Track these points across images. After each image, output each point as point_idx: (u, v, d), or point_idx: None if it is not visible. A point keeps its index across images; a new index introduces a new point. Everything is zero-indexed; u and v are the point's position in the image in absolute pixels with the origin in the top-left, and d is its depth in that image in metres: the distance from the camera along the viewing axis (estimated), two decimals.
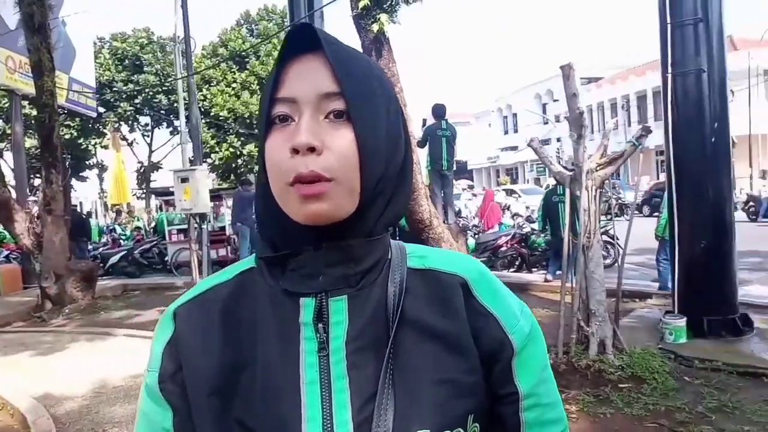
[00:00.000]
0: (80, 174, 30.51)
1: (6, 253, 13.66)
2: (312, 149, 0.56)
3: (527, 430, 0.65)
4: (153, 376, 0.65)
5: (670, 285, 5.67)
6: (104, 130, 27.16)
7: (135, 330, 6.73)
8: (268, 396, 0.60)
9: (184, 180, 8.05)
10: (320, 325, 0.60)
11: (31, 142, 25.45)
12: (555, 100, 36.90)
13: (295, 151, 0.56)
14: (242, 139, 26.33)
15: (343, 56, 0.59)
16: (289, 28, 0.59)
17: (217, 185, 23.76)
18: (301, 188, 0.57)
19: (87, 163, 29.63)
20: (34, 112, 10.85)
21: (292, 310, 0.61)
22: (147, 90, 25.71)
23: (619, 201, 17.64)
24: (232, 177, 26.72)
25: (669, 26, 5.06)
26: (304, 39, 0.59)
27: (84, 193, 33.29)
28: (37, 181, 20.94)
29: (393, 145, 0.62)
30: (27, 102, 13.84)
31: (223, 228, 13.39)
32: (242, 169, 26.79)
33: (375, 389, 0.59)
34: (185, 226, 14.28)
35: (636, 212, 17.22)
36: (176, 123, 30.34)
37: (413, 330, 0.62)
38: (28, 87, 10.11)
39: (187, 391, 0.63)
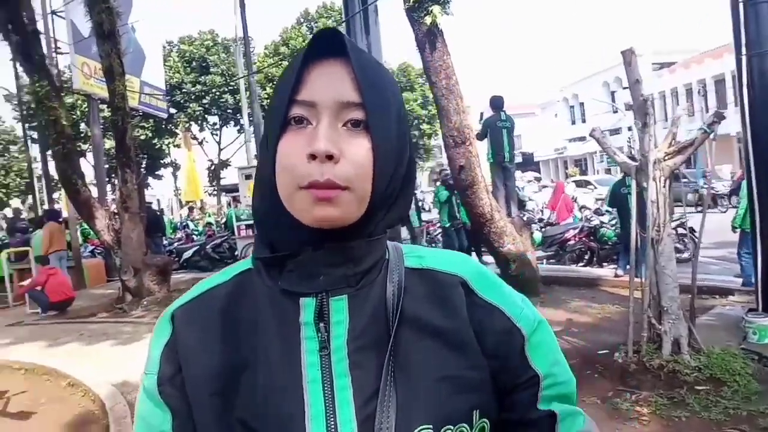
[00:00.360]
0: (156, 172, 32.07)
1: (91, 248, 14.53)
2: (330, 157, 0.56)
3: (544, 401, 0.65)
4: (151, 378, 0.64)
5: (753, 280, 5.30)
6: (176, 130, 28.39)
7: None
8: (271, 395, 0.60)
9: (248, 177, 8.26)
10: (321, 325, 0.61)
11: (110, 144, 27.13)
12: (624, 88, 35.29)
13: (313, 156, 0.57)
14: None
15: (365, 66, 0.60)
16: (314, 32, 0.61)
17: None
18: (315, 192, 0.57)
19: (162, 162, 31.08)
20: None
21: (291, 310, 0.62)
22: (214, 90, 26.63)
23: (712, 191, 16.73)
24: None
25: (741, 4, 4.73)
26: (328, 44, 0.60)
27: (160, 191, 34.99)
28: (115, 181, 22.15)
29: (401, 151, 0.63)
30: (106, 105, 14.62)
31: None
32: None
33: (377, 387, 0.60)
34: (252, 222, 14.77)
35: (723, 203, 16.44)
36: (242, 121, 31.60)
37: (413, 328, 0.63)
38: (103, 91, 10.68)
39: (188, 393, 0.63)
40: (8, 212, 24.67)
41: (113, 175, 22.77)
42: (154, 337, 0.66)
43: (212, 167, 32.22)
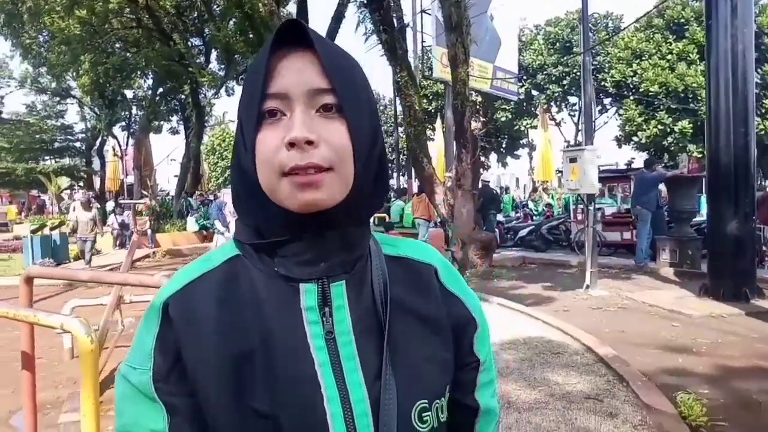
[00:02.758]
0: (514, 152, 33.48)
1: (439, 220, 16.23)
2: (310, 143, 0.59)
3: (480, 389, 0.75)
4: (143, 375, 0.62)
5: None
6: (536, 111, 28.93)
7: (509, 301, 7.10)
8: (284, 381, 0.61)
9: (573, 160, 7.92)
10: (326, 309, 0.63)
11: (474, 125, 29.52)
12: None
13: (292, 144, 0.59)
14: (674, 115, 23.89)
15: (330, 53, 0.62)
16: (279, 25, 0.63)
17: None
18: (298, 178, 0.59)
19: (520, 142, 32.22)
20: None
21: (291, 296, 0.63)
22: (575, 71, 26.01)
23: None
24: (665, 156, 24.64)
25: None
26: (292, 36, 0.62)
27: (516, 170, 36.41)
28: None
29: (375, 133, 0.66)
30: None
31: (629, 210, 12.64)
32: (673, 148, 24.39)
33: (378, 369, 0.64)
34: (597, 206, 14.16)
35: None
36: (606, 102, 30.09)
37: (400, 312, 0.67)
38: None
39: (194, 383, 0.61)
40: None
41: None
42: (144, 330, 0.64)
43: (568, 147, 31.78)
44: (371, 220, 0.74)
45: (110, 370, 4.70)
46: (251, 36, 16.06)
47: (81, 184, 27.00)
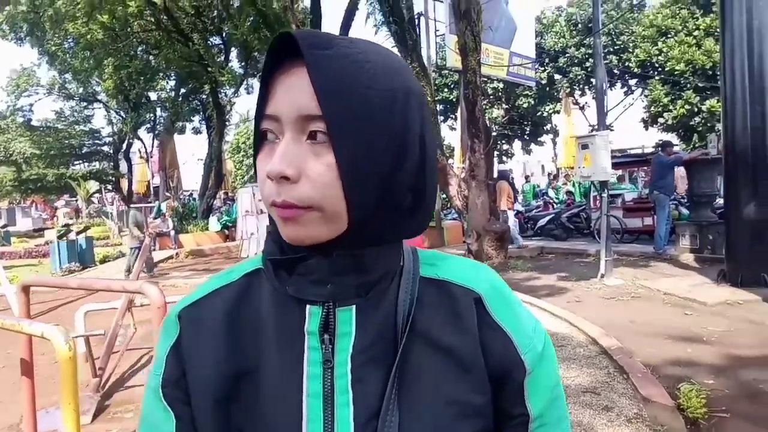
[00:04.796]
0: (538, 139, 33.01)
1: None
2: (286, 177, 0.53)
3: None
4: (156, 380, 0.64)
5: None
6: (559, 96, 28.43)
7: (521, 293, 7.05)
8: (270, 406, 0.59)
9: (585, 146, 7.79)
10: (326, 336, 0.58)
11: (497, 112, 29.16)
12: None
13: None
14: (702, 94, 23.20)
15: (328, 69, 0.53)
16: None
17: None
18: (280, 211, 0.55)
19: (543, 128, 31.74)
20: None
21: (297, 317, 0.59)
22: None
23: None
24: (694, 137, 23.97)
25: None
26: (290, 49, 0.54)
27: (541, 156, 35.88)
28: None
29: (395, 159, 0.56)
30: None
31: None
32: (701, 128, 23.70)
33: (380, 405, 0.57)
34: (617, 192, 13.89)
35: None
36: (631, 83, 29.37)
37: (422, 343, 0.60)
38: None
39: (191, 398, 0.62)
40: None
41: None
42: (162, 337, 0.66)
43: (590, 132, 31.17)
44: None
45: (121, 373, 4.85)
46: (267, 33, 16.19)
47: (109, 187, 27.71)
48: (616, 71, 26.97)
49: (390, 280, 0.61)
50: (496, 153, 27.08)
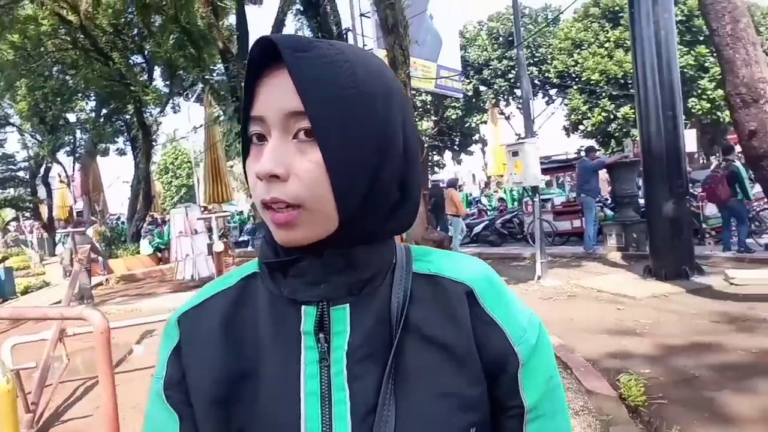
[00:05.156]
0: (467, 149, 33.95)
1: None
2: (276, 176, 0.55)
3: None
4: (159, 383, 0.65)
5: None
6: (485, 107, 29.40)
7: None
8: (269, 406, 0.60)
9: (515, 153, 8.10)
10: (321, 335, 0.60)
11: (427, 124, 29.76)
12: None
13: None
14: (616, 101, 24.68)
15: (308, 68, 0.54)
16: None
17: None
18: (271, 214, 0.56)
19: (472, 138, 32.70)
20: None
21: (293, 318, 0.61)
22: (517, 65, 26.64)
23: None
24: (612, 142, 25.40)
25: None
26: (271, 52, 0.56)
27: (471, 166, 36.86)
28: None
29: (379, 156, 0.57)
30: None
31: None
32: (617, 133, 25.15)
33: (376, 401, 0.58)
34: (547, 197, 14.47)
35: None
36: (551, 92, 30.80)
37: (416, 338, 0.60)
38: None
39: (191, 401, 0.63)
40: None
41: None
42: (162, 342, 0.67)
43: (517, 140, 32.42)
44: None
45: (55, 407, 4.58)
46: (192, 50, 15.85)
47: (27, 214, 26.09)
48: (537, 82, 28.21)
49: (383, 277, 0.62)
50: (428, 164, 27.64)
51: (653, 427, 3.35)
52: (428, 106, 29.30)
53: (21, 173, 26.71)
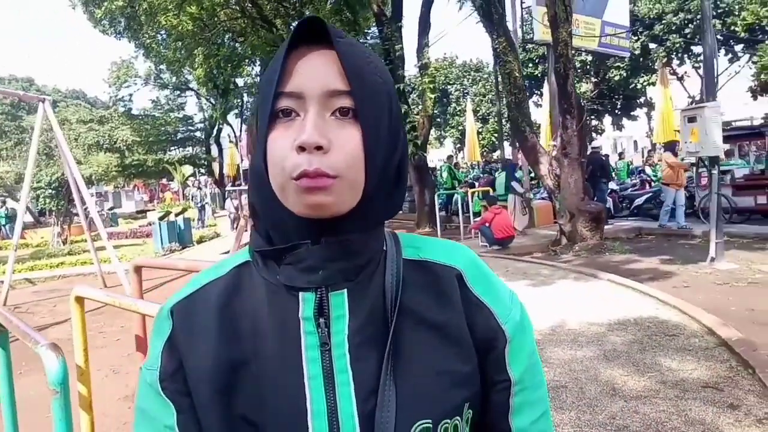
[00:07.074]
0: (631, 113, 31.17)
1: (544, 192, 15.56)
2: (319, 147, 0.57)
3: (515, 412, 0.68)
4: (153, 374, 0.65)
5: None
6: (654, 67, 26.60)
7: (620, 277, 6.65)
8: (272, 391, 0.61)
9: (692, 119, 7.18)
10: (322, 320, 0.62)
11: (585, 87, 27.74)
12: None
13: (302, 148, 0.57)
14: None
15: (352, 54, 0.60)
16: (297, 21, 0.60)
17: None
18: (307, 182, 0.57)
19: (637, 102, 29.92)
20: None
21: (291, 305, 0.62)
22: (699, 17, 23.54)
23: None
24: None
25: None
26: (312, 34, 0.60)
27: (633, 132, 33.90)
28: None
29: (394, 140, 0.63)
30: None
31: (763, 171, 11.32)
32: None
33: (377, 382, 0.61)
34: (726, 168, 12.81)
35: None
36: (737, 49, 26.89)
37: (411, 321, 0.64)
38: None
39: (190, 390, 0.63)
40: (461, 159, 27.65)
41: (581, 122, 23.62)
42: (155, 333, 0.68)
43: (692, 104, 28.99)
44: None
45: None
46: (348, 14, 16.21)
47: (203, 170, 29.10)
48: (719, 37, 24.80)
49: (376, 263, 0.65)
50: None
51: None
52: (588, 67, 27.20)
53: (198, 134, 29.71)
